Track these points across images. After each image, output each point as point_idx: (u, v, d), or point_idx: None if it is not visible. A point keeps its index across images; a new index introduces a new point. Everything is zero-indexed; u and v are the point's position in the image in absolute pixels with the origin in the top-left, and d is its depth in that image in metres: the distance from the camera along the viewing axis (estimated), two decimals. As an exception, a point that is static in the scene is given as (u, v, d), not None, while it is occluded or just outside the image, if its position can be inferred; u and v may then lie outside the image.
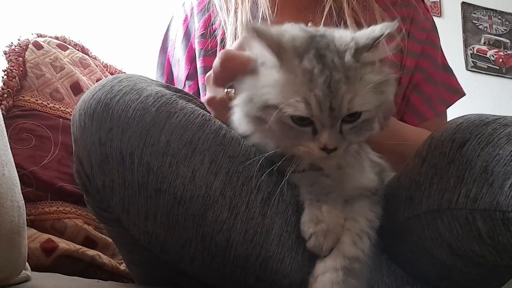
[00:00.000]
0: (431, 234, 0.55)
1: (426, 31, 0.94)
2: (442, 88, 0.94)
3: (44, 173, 0.92)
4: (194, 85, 0.91)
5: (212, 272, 0.57)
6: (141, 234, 0.57)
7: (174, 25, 1.00)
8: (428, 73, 0.92)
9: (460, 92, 0.97)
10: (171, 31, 1.00)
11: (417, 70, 0.91)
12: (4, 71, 0.99)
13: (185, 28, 0.94)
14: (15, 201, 0.54)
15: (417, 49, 0.92)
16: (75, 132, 0.58)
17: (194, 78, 0.91)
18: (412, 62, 0.91)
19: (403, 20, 0.89)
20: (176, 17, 1.00)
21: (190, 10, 0.96)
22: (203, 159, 0.54)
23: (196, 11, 0.94)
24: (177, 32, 0.96)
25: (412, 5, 0.94)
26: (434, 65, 0.93)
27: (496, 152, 0.50)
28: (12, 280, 0.56)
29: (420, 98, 0.91)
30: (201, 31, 0.91)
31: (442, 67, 0.96)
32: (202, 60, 0.89)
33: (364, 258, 0.54)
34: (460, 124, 0.55)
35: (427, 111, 0.91)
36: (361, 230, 0.56)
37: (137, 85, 0.57)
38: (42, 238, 0.85)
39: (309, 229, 0.54)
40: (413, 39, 0.91)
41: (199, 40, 0.90)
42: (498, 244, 0.49)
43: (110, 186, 0.55)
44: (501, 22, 2.81)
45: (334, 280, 0.52)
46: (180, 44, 0.94)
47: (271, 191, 0.57)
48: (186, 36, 0.94)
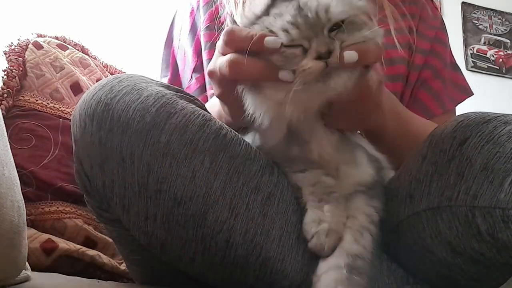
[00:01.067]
0: (431, 232, 0.55)
1: (435, 28, 0.94)
2: (450, 85, 0.94)
3: (44, 173, 0.92)
4: (201, 78, 0.91)
5: (212, 272, 0.57)
6: (141, 235, 0.57)
7: (179, 18, 0.99)
8: (436, 69, 0.92)
9: (468, 91, 0.96)
10: (176, 24, 0.99)
11: (425, 67, 0.91)
12: (4, 71, 0.99)
13: (192, 21, 0.94)
14: (15, 201, 0.54)
15: (426, 46, 0.92)
16: (75, 132, 0.58)
17: (201, 71, 0.91)
18: (421, 59, 0.91)
19: (411, 17, 0.90)
20: (181, 10, 0.99)
21: (196, 3, 0.95)
22: (204, 159, 0.54)
23: (202, 3, 0.94)
24: (183, 25, 0.96)
25: (420, 3, 0.95)
26: (443, 63, 0.93)
27: (496, 150, 0.50)
28: (12, 280, 0.56)
29: (428, 94, 0.91)
30: (207, 23, 0.90)
31: (450, 65, 0.96)
32: (208, 52, 0.89)
33: (366, 254, 0.54)
34: (460, 121, 0.55)
35: (435, 108, 0.90)
36: (361, 226, 0.56)
37: (137, 85, 0.56)
38: (42, 238, 0.85)
39: (312, 229, 0.54)
40: (421, 36, 0.92)
41: (205, 33, 0.90)
42: (497, 241, 0.49)
43: (110, 186, 0.55)
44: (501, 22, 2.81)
45: (338, 278, 0.52)
46: (187, 36, 0.94)
47: (271, 191, 0.56)
48: (193, 29, 0.94)
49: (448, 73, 0.94)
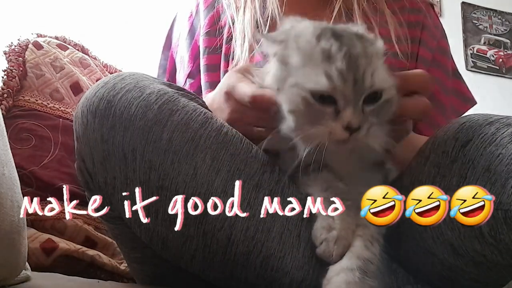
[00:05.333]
0: (432, 233, 0.55)
1: (437, 38, 0.93)
2: (454, 95, 0.93)
3: (44, 173, 0.92)
4: (195, 83, 0.90)
5: (213, 269, 0.57)
6: (142, 232, 0.57)
7: (178, 21, 0.99)
8: (441, 82, 0.91)
9: (471, 100, 0.95)
10: (176, 27, 0.99)
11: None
12: (4, 71, 0.99)
13: (190, 25, 0.94)
14: (15, 201, 0.54)
15: (428, 56, 0.90)
16: (77, 129, 0.58)
17: (195, 76, 0.91)
18: (424, 69, 0.89)
19: (412, 26, 0.88)
20: (180, 14, 0.99)
21: (195, 7, 0.95)
22: (205, 156, 0.54)
23: (202, 8, 0.93)
24: (182, 28, 0.96)
25: (422, 11, 0.93)
26: (446, 73, 0.92)
27: (499, 152, 0.50)
28: (12, 280, 0.56)
29: (436, 109, 0.88)
30: (207, 29, 0.90)
31: (452, 73, 0.95)
32: (206, 58, 0.88)
33: (377, 261, 0.54)
34: (463, 123, 0.55)
35: (441, 121, 0.88)
36: (372, 236, 0.55)
37: (139, 83, 0.57)
38: (42, 238, 0.85)
39: (321, 236, 0.54)
40: (424, 46, 0.90)
41: (204, 38, 0.90)
42: (499, 243, 0.49)
43: (112, 183, 0.55)
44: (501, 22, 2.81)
45: (350, 280, 0.51)
46: (184, 41, 0.94)
47: (272, 188, 0.57)
48: (191, 33, 0.93)
49: (451, 82, 0.93)
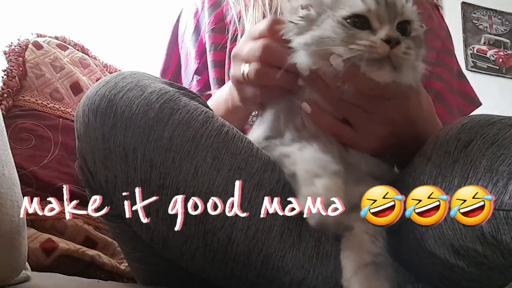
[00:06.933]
0: (434, 233, 0.55)
1: (442, 39, 0.93)
2: (459, 96, 0.93)
3: (44, 173, 0.92)
4: (202, 80, 0.91)
5: (214, 268, 0.57)
6: (143, 230, 0.57)
7: (183, 18, 0.99)
8: (447, 81, 0.91)
9: (476, 101, 0.95)
10: (181, 24, 0.99)
11: (433, 78, 0.90)
12: (4, 71, 0.99)
13: (196, 22, 0.94)
14: (15, 201, 0.54)
15: (432, 57, 0.90)
16: (78, 127, 0.58)
17: (202, 73, 0.91)
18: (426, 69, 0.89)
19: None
20: (185, 11, 0.99)
21: (201, 4, 0.95)
22: (206, 155, 0.54)
23: (208, 5, 0.93)
24: (187, 25, 0.96)
25: (426, 13, 0.93)
26: (451, 73, 0.93)
27: (501, 152, 0.50)
28: (12, 280, 0.56)
29: (443, 108, 0.89)
30: (212, 25, 0.90)
31: (457, 74, 0.95)
32: (213, 54, 0.89)
33: (384, 252, 0.55)
34: (465, 123, 0.55)
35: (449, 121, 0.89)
36: (375, 230, 0.56)
37: (140, 82, 0.57)
38: (42, 238, 0.85)
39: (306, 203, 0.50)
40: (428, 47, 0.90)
41: (210, 34, 0.90)
42: (501, 244, 0.49)
43: (113, 182, 0.56)
44: (501, 22, 2.81)
45: (368, 275, 0.52)
46: (190, 37, 0.94)
47: (273, 188, 0.57)
48: (197, 30, 0.93)
49: (456, 83, 0.94)
